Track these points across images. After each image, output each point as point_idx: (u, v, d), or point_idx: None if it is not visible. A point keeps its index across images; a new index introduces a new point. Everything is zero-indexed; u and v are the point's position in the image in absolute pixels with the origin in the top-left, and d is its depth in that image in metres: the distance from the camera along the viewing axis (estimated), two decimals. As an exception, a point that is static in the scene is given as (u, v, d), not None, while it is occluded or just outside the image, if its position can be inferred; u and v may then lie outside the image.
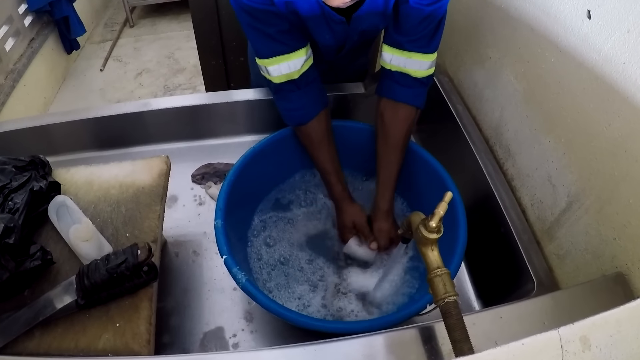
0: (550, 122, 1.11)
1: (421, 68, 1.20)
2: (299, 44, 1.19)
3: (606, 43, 0.90)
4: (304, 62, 1.22)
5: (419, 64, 1.19)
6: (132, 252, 0.95)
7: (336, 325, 0.99)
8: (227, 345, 1.20)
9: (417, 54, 1.17)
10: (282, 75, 1.21)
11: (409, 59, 1.18)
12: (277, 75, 1.22)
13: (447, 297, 0.72)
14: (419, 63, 1.19)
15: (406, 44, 1.16)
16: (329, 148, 1.32)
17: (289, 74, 1.22)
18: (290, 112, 1.30)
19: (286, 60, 1.19)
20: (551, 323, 0.81)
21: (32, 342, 0.91)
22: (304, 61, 1.21)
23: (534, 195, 1.18)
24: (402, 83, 1.22)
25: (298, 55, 1.20)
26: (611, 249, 0.94)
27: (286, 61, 1.19)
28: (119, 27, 4.14)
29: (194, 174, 1.58)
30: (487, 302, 1.27)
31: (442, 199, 0.76)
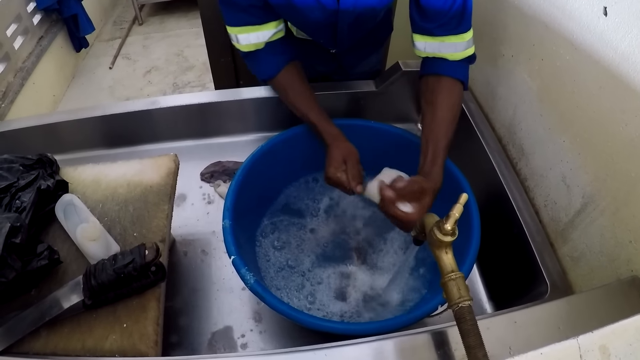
0: (565, 121, 1.09)
1: (457, 50, 1.17)
2: (269, 18, 1.21)
3: (623, 40, 0.88)
4: (273, 34, 1.25)
5: (454, 46, 1.16)
6: (139, 252, 0.94)
7: (346, 326, 0.97)
8: (236, 346, 1.19)
9: (449, 37, 1.15)
10: (251, 44, 1.26)
11: (442, 43, 1.16)
12: (246, 44, 1.26)
13: (461, 302, 0.70)
14: (454, 46, 1.16)
15: (435, 29, 1.14)
16: (307, 93, 1.32)
17: (257, 44, 1.26)
18: (260, 68, 1.33)
19: (254, 31, 1.23)
20: (566, 328, 0.79)
21: (38, 342, 0.91)
22: (273, 33, 1.25)
23: (547, 196, 1.16)
24: (441, 63, 1.20)
25: (267, 28, 1.23)
26: (627, 252, 0.92)
27: (255, 32, 1.23)
28: (127, 24, 4.14)
29: (203, 172, 1.57)
30: (499, 303, 1.26)
31: (458, 201, 0.75)
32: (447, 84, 1.19)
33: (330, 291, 1.23)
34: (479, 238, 1.07)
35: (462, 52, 1.17)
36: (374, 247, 1.32)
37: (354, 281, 1.25)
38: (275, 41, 1.28)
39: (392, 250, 1.30)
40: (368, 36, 1.41)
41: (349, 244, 1.33)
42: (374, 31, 1.42)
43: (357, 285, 1.24)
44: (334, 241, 1.34)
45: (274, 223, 1.36)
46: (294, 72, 1.32)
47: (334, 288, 1.23)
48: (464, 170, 1.21)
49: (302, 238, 1.34)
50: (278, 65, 1.30)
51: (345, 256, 1.30)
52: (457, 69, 1.19)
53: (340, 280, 1.25)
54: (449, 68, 1.19)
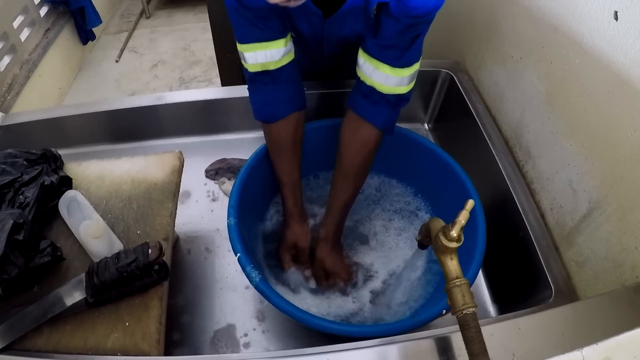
0: (573, 125, 1.08)
1: (387, 83, 1.11)
2: (277, 34, 1.14)
3: (633, 46, 0.88)
4: (283, 55, 1.16)
5: (385, 77, 1.10)
6: (142, 250, 0.94)
7: (350, 328, 0.97)
8: (238, 345, 1.19)
9: (384, 65, 1.08)
10: (258, 64, 1.16)
11: (375, 70, 1.10)
12: (253, 63, 1.16)
13: (465, 309, 0.69)
14: (385, 76, 1.10)
15: (374, 49, 1.08)
16: (292, 156, 1.25)
17: (265, 64, 1.16)
18: (260, 106, 1.24)
19: (263, 48, 1.14)
20: (571, 335, 0.78)
21: (40, 339, 0.91)
22: (282, 54, 1.16)
23: (553, 200, 1.16)
24: (368, 96, 1.16)
25: (276, 46, 1.14)
26: (632, 258, 0.92)
27: (263, 50, 1.14)
28: (135, 18, 4.13)
29: (208, 169, 1.56)
30: (503, 306, 1.25)
31: (464, 207, 0.74)
32: (363, 132, 1.19)
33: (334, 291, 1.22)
34: (484, 243, 1.06)
35: (392, 86, 1.11)
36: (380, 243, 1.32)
37: (360, 281, 1.24)
38: (288, 82, 1.21)
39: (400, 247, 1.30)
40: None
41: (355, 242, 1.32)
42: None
43: (363, 285, 1.24)
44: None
45: (279, 221, 1.36)
46: (292, 130, 1.24)
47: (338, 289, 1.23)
48: (470, 171, 1.21)
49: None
50: (280, 112, 1.23)
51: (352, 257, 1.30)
52: (378, 115, 1.16)
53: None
54: (368, 110, 1.17)
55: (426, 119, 1.72)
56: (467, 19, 1.58)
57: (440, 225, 0.80)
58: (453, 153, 1.26)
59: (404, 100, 1.16)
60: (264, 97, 1.22)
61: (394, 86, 1.11)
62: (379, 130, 1.17)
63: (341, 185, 1.22)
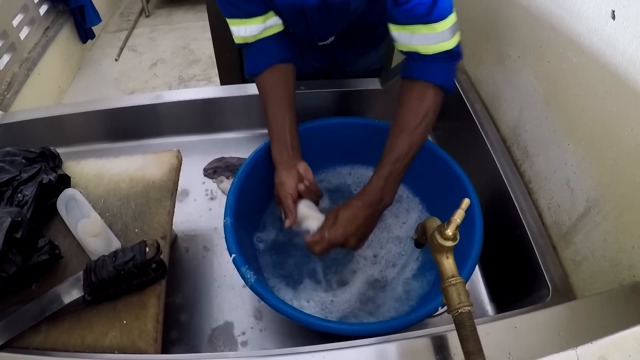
0: (571, 124, 1.08)
1: (428, 42, 1.06)
2: (254, 11, 1.18)
3: (631, 45, 0.88)
4: (262, 30, 1.23)
5: (424, 38, 1.05)
6: (140, 249, 0.94)
7: (346, 326, 0.97)
8: (236, 343, 1.19)
9: (417, 25, 1.03)
10: (239, 37, 1.25)
11: (413, 35, 1.06)
12: (236, 35, 1.25)
13: (461, 308, 0.69)
14: (424, 37, 1.05)
15: (401, 16, 1.05)
16: (277, 104, 1.24)
17: (245, 37, 1.24)
18: (247, 63, 1.30)
19: (243, 24, 1.21)
20: (567, 334, 0.79)
21: (38, 337, 0.91)
22: (261, 29, 1.22)
23: (551, 199, 1.16)
24: (417, 59, 1.11)
25: (254, 22, 1.20)
26: (629, 257, 0.92)
27: (243, 25, 1.22)
28: (134, 16, 4.13)
29: (206, 168, 1.56)
30: (500, 305, 1.25)
31: (460, 206, 0.74)
32: (418, 89, 1.12)
33: (331, 289, 1.22)
34: (481, 241, 1.06)
35: (434, 45, 1.06)
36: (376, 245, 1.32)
37: (356, 279, 1.24)
38: (268, 38, 1.25)
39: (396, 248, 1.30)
40: (362, 32, 1.39)
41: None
42: (369, 27, 1.40)
43: (359, 283, 1.24)
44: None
45: (276, 221, 1.36)
46: (279, 75, 1.26)
47: (335, 286, 1.23)
48: (468, 170, 1.21)
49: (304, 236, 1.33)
50: (263, 63, 1.25)
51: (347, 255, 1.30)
52: (430, 71, 1.10)
53: (342, 279, 1.25)
54: (420, 70, 1.11)
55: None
56: (465, 18, 1.58)
57: (436, 224, 0.80)
58: (451, 152, 1.27)
59: (455, 55, 1.10)
60: (249, 55, 1.29)
61: (436, 44, 1.07)
62: (436, 86, 1.11)
63: (395, 138, 1.13)
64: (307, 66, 1.59)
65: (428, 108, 1.12)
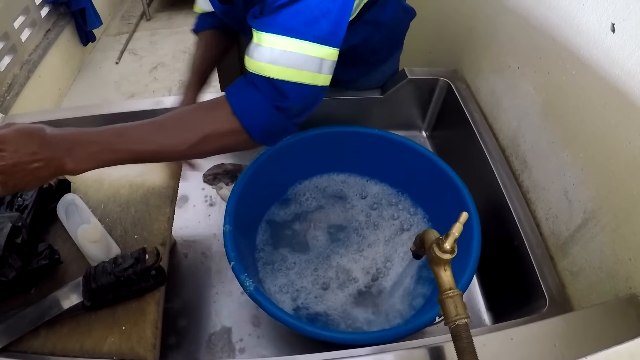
0: (569, 135, 1.09)
1: (248, 52, 0.91)
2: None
3: (630, 58, 0.88)
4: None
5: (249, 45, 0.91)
6: (139, 256, 0.94)
7: (345, 335, 0.97)
8: (234, 350, 1.19)
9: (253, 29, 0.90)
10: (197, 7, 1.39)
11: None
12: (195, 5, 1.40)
13: (458, 320, 0.70)
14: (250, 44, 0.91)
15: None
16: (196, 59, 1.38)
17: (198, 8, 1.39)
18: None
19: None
20: (562, 346, 0.79)
21: (37, 341, 0.91)
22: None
23: (549, 210, 1.16)
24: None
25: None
26: (626, 269, 0.92)
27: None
28: (135, 20, 4.14)
29: (206, 174, 1.57)
30: (497, 314, 1.26)
31: (458, 220, 0.75)
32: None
33: (329, 298, 1.23)
34: (478, 252, 1.07)
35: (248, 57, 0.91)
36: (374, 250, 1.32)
37: (355, 289, 1.25)
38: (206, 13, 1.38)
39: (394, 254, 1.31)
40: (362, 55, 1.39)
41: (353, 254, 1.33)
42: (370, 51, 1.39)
43: (358, 292, 1.24)
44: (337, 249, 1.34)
45: (276, 228, 1.36)
46: (209, 38, 1.39)
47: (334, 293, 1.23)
48: (466, 179, 1.22)
49: (304, 244, 1.34)
50: (204, 24, 1.39)
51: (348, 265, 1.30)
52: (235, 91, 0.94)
53: (341, 288, 1.25)
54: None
55: (424, 127, 1.73)
56: (465, 27, 1.59)
57: (434, 236, 0.81)
58: (450, 161, 1.27)
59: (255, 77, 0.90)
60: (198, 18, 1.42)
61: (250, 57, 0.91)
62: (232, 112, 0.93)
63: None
64: None
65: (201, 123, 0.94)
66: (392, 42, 1.45)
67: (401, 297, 1.21)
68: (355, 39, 1.23)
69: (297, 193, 1.44)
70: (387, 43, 1.41)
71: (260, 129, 0.92)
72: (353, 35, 1.16)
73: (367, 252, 1.32)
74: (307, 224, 1.39)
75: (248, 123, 0.91)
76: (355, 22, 1.18)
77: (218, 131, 0.92)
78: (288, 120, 0.94)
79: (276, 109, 0.90)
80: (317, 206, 1.43)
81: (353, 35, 1.16)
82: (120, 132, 0.88)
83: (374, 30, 1.27)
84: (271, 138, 0.97)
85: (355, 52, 1.31)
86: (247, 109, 0.91)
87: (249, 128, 0.91)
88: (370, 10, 1.21)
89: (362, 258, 1.30)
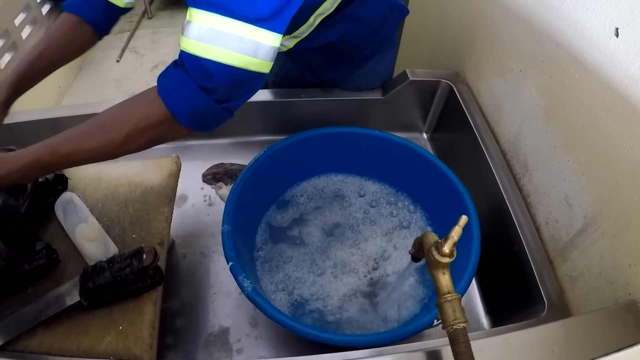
0: (571, 140, 1.08)
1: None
2: None
3: (633, 63, 0.88)
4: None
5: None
6: (137, 255, 0.94)
7: (343, 337, 0.97)
8: (231, 350, 1.19)
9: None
10: None
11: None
12: None
13: (456, 324, 0.70)
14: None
15: None
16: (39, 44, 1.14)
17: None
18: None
19: None
20: (560, 352, 0.79)
21: (34, 341, 0.91)
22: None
23: (549, 214, 1.16)
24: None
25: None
26: (626, 275, 0.92)
27: None
28: (137, 18, 4.12)
29: (205, 174, 1.56)
30: (496, 318, 1.25)
31: (457, 223, 0.74)
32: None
33: (327, 298, 1.22)
34: (478, 256, 1.07)
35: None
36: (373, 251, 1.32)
37: (353, 291, 1.24)
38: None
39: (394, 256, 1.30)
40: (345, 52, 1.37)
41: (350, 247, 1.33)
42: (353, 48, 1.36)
43: (357, 292, 1.24)
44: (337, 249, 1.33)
45: (275, 229, 1.36)
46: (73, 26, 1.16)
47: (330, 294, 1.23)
48: (467, 182, 1.21)
49: (303, 244, 1.34)
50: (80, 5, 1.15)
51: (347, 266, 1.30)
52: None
53: (340, 287, 1.25)
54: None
55: (425, 128, 1.72)
56: (468, 30, 1.59)
57: (433, 239, 0.81)
58: (451, 163, 1.27)
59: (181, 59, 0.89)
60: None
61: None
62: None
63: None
64: (303, 81, 1.60)
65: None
66: (378, 40, 1.39)
67: (399, 300, 1.20)
68: (334, 34, 1.20)
69: (296, 193, 1.44)
70: (372, 40, 1.37)
71: (185, 110, 0.88)
72: (332, 30, 1.14)
73: (363, 245, 1.33)
74: (305, 221, 1.39)
75: (171, 102, 0.87)
76: (333, 17, 1.16)
77: (145, 117, 0.88)
78: (216, 104, 0.88)
79: (200, 88, 0.85)
80: (315, 206, 1.42)
81: (332, 30, 1.14)
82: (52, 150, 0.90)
83: (354, 26, 1.24)
84: (199, 122, 0.91)
85: (335, 48, 1.30)
86: (170, 87, 0.88)
87: (173, 108, 0.87)
88: (351, 5, 1.18)
89: (358, 259, 1.30)
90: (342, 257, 1.31)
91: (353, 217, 1.40)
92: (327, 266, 1.29)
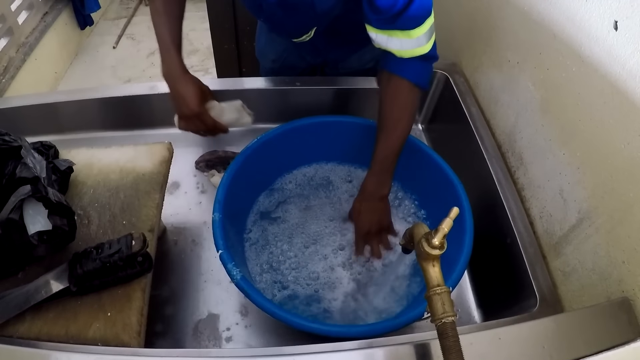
0: (567, 134, 1.08)
1: (403, 47, 1.09)
2: None
3: (632, 57, 0.87)
4: None
5: (400, 42, 1.09)
6: (126, 242, 0.94)
7: (332, 328, 0.96)
8: (220, 339, 1.18)
9: (394, 31, 1.06)
10: None
11: (390, 38, 1.09)
12: None
13: (444, 318, 0.69)
14: (400, 42, 1.08)
15: (374, 21, 1.07)
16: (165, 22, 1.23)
17: None
18: None
19: None
20: (551, 348, 0.78)
21: (23, 326, 0.90)
22: None
23: (543, 208, 1.15)
24: (393, 58, 1.15)
25: None
26: (619, 272, 0.91)
27: None
28: (134, 4, 4.11)
29: (197, 161, 1.55)
30: (487, 311, 1.25)
31: (448, 215, 0.73)
32: (394, 85, 1.17)
33: (316, 290, 1.21)
34: (470, 248, 1.06)
35: (409, 49, 1.10)
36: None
37: (341, 281, 1.24)
38: None
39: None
40: (348, 32, 1.38)
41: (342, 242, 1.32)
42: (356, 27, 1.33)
43: (344, 285, 1.23)
44: (326, 239, 1.33)
45: (266, 217, 1.35)
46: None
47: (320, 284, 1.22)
48: (461, 174, 1.21)
49: (293, 233, 1.33)
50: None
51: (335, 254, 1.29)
52: (406, 68, 1.14)
53: (328, 278, 1.24)
54: (397, 66, 1.15)
55: (420, 119, 1.71)
56: (465, 20, 1.57)
57: (423, 231, 0.79)
58: (445, 155, 1.26)
59: (430, 57, 1.15)
60: None
61: (412, 49, 1.10)
62: (411, 83, 1.16)
63: (379, 138, 1.22)
64: (300, 59, 1.60)
65: (404, 105, 1.19)
66: None
67: (390, 292, 1.19)
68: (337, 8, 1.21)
69: (290, 182, 1.43)
70: None
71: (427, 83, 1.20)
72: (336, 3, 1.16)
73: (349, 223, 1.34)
74: (298, 212, 1.38)
75: (423, 85, 1.18)
76: None
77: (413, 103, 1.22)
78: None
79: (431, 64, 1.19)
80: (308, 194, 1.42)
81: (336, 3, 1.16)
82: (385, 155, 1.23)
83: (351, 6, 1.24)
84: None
85: (339, 25, 1.32)
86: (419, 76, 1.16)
87: (423, 87, 1.18)
88: None
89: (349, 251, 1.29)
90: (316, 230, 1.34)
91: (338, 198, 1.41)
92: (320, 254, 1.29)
